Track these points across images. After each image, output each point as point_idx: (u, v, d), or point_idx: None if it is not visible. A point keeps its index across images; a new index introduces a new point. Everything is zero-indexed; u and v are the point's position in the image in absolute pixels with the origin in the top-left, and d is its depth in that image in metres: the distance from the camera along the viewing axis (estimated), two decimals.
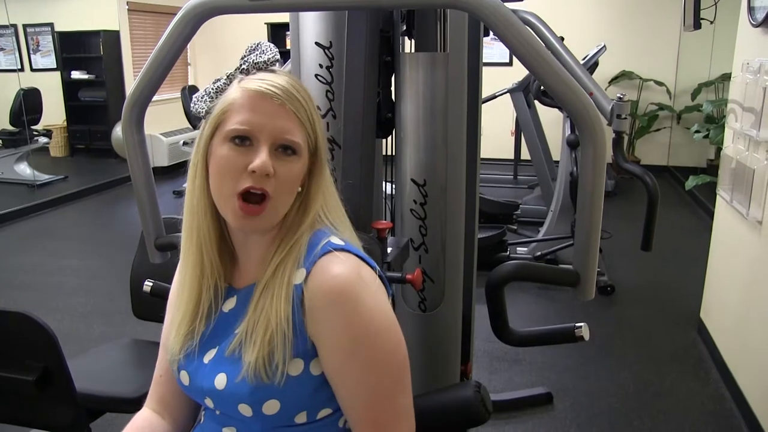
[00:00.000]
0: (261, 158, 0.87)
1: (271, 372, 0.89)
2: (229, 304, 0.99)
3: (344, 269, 0.91)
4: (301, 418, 0.93)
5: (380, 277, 0.96)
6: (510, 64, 6.94)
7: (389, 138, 1.64)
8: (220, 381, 0.94)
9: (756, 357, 2.50)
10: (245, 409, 0.92)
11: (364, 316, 0.90)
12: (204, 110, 0.94)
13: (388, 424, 0.93)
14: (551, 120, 5.67)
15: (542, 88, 4.48)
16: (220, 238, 0.98)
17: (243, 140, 0.89)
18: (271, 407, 0.91)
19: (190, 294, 0.98)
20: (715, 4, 3.36)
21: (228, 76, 0.95)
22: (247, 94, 0.91)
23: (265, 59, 0.94)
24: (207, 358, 0.97)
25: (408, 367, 0.95)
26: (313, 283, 0.91)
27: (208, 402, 0.98)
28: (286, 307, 0.90)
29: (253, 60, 0.94)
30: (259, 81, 0.91)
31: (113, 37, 7.56)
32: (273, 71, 0.95)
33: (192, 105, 0.96)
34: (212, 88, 0.95)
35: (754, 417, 2.42)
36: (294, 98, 0.91)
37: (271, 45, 0.96)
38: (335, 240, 0.95)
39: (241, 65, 0.95)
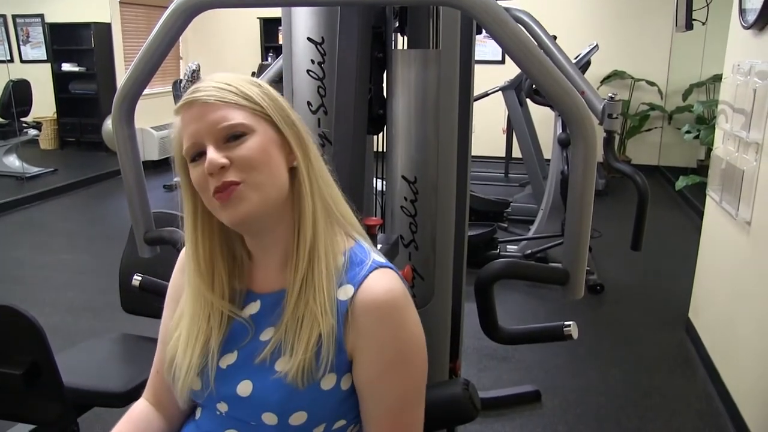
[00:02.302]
0: (208, 158, 0.87)
1: (306, 382, 0.89)
2: (251, 309, 0.97)
3: (394, 285, 0.93)
4: (319, 429, 0.93)
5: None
6: (502, 62, 6.95)
7: (380, 134, 1.63)
8: (245, 388, 0.92)
9: (742, 356, 2.52)
10: (270, 418, 0.91)
11: (408, 331, 0.93)
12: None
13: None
14: (543, 118, 5.69)
15: (534, 86, 4.50)
16: (230, 249, 0.98)
17: (199, 155, 0.89)
18: (298, 418, 0.91)
19: (204, 307, 0.96)
20: (707, 5, 3.38)
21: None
22: (180, 116, 0.92)
23: (189, 75, 0.96)
24: (224, 362, 0.95)
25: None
26: (361, 298, 0.91)
27: (222, 406, 0.96)
28: (331, 319, 0.90)
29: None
30: (183, 98, 0.93)
31: (104, 29, 7.51)
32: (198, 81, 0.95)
33: None
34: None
35: (739, 415, 2.45)
36: (216, 89, 0.89)
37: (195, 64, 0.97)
38: (378, 257, 0.96)
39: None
